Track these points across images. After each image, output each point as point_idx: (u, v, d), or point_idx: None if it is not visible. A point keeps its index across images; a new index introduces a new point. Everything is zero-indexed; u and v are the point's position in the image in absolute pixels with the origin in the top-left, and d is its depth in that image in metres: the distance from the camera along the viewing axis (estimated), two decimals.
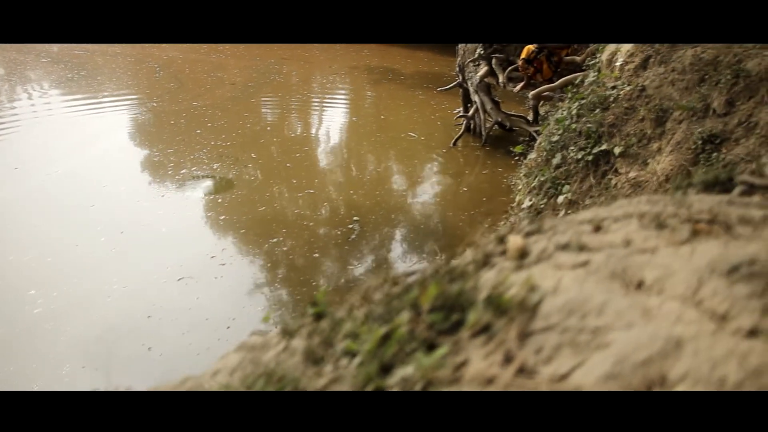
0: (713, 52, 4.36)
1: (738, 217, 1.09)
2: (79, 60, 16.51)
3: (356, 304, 1.08)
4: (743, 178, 1.43)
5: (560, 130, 5.12)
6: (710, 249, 0.89)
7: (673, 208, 1.18)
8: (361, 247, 6.70)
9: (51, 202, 7.61)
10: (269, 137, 10.22)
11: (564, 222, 1.17)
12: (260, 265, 6.33)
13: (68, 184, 8.11)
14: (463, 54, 10.35)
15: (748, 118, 3.88)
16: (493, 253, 1.07)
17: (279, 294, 5.91)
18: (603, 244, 1.00)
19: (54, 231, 6.90)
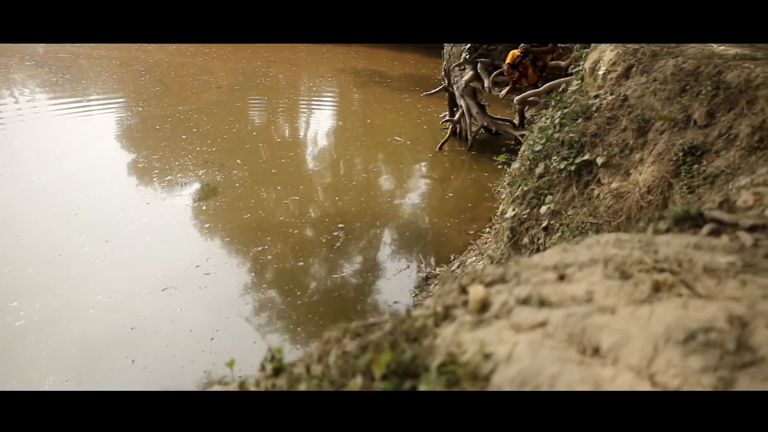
0: (694, 63, 4.37)
1: (703, 266, 1.08)
2: (64, 63, 16.43)
3: (314, 359, 1.07)
4: (712, 215, 1.42)
5: (543, 139, 5.11)
6: (669, 311, 0.88)
7: (639, 253, 1.17)
8: (346, 255, 6.68)
9: (34, 211, 7.54)
10: (255, 142, 10.18)
11: (528, 268, 1.16)
12: (245, 274, 6.30)
13: (52, 192, 8.05)
14: (448, 58, 10.34)
15: (728, 130, 3.88)
16: (454, 305, 1.06)
17: (263, 304, 5.87)
18: (564, 298, 0.99)
19: (37, 240, 6.85)
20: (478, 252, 6.13)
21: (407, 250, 6.88)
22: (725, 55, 4.32)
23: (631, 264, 1.11)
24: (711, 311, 0.86)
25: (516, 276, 1.12)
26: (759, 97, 3.71)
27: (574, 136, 4.83)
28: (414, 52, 18.78)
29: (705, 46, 4.73)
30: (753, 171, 2.46)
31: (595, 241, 1.33)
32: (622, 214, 4.19)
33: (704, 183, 3.77)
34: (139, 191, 8.14)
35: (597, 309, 0.93)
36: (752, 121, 3.67)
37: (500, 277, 1.12)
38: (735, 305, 0.89)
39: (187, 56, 17.72)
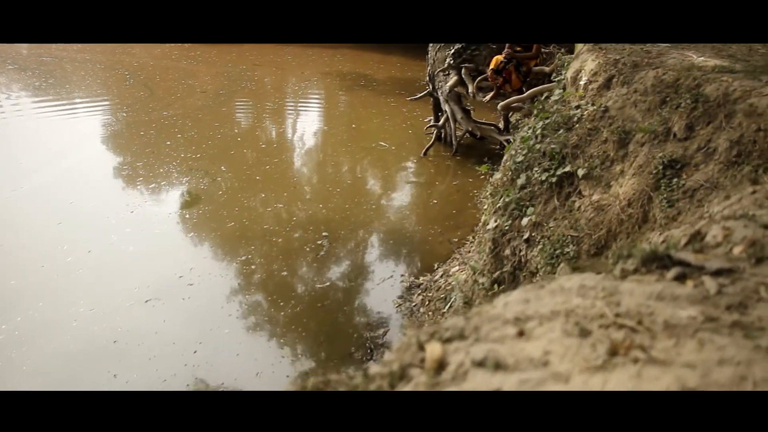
0: (674, 75, 4.38)
1: (664, 321, 1.08)
2: (47, 67, 16.35)
3: None
4: (679, 257, 1.41)
5: (525, 150, 5.11)
6: (622, 381, 0.88)
7: (601, 304, 1.16)
8: (330, 265, 6.66)
9: (17, 220, 7.49)
10: (239, 148, 10.15)
11: (489, 321, 1.15)
12: (228, 284, 6.27)
13: (35, 201, 7.99)
14: (433, 63, 10.35)
15: (707, 144, 3.89)
16: (412, 363, 1.05)
17: (246, 315, 5.85)
18: (521, 359, 0.98)
19: (19, 251, 6.80)
20: (461, 261, 6.13)
21: (391, 258, 6.89)
22: (704, 68, 4.33)
23: (591, 318, 1.10)
24: (664, 382, 0.85)
25: (475, 331, 1.11)
26: (737, 111, 3.71)
27: (556, 147, 4.84)
28: (399, 54, 18.80)
29: (685, 57, 4.75)
30: (728, 195, 2.46)
31: (559, 287, 1.32)
32: (602, 227, 4.19)
33: (684, 197, 3.77)
34: (124, 199, 8.08)
35: (551, 375, 0.92)
36: (730, 135, 3.68)
37: (459, 332, 1.11)
38: (689, 374, 0.88)
39: (172, 59, 17.67)
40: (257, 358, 5.23)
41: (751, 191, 2.18)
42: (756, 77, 3.93)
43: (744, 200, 2.06)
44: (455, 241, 7.09)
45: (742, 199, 2.09)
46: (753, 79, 3.89)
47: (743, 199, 2.08)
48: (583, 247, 4.19)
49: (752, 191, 2.17)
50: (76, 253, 6.72)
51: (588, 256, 4.16)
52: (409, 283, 6.31)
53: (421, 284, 6.25)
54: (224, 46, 19.70)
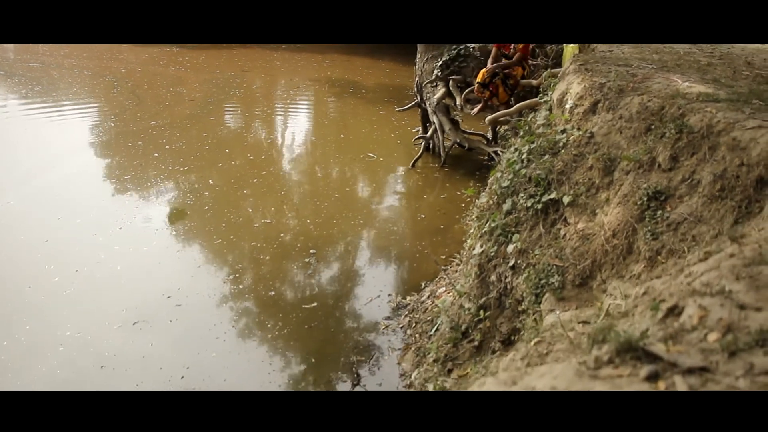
0: (659, 102, 4.40)
1: None
2: (33, 74, 16.31)
3: None
4: (652, 350, 1.43)
5: (510, 174, 5.13)
6: None
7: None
8: (318, 284, 6.66)
9: (2, 237, 7.45)
10: (227, 160, 10.13)
11: None
12: (216, 305, 6.25)
13: (21, 217, 7.92)
14: (420, 74, 10.37)
15: (691, 175, 3.92)
16: None
17: (233, 338, 5.83)
18: None
19: (5, 270, 6.76)
20: (448, 282, 6.14)
21: (379, 277, 6.89)
22: (689, 95, 4.36)
23: None
24: None
25: None
26: (720, 144, 3.74)
27: (541, 173, 4.86)
28: (389, 59, 18.86)
29: (670, 82, 4.78)
30: (708, 252, 2.48)
31: (531, 387, 1.34)
32: (587, 257, 4.21)
33: (668, 230, 3.80)
34: (111, 215, 8.02)
35: None
36: (714, 169, 3.71)
37: None
38: None
39: (160, 65, 17.66)
40: (244, 384, 5.22)
41: (730, 253, 2.20)
42: (739, 108, 3.96)
43: (723, 265, 2.07)
44: (442, 258, 7.11)
45: (721, 263, 2.10)
46: (736, 110, 3.92)
47: (722, 264, 2.09)
48: (568, 277, 4.21)
49: (731, 253, 2.18)
50: (64, 272, 6.69)
51: (573, 287, 4.18)
52: (396, 303, 6.32)
53: (409, 304, 6.27)
54: (213, 52, 19.69)
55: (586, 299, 4.23)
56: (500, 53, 8.99)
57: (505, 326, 4.80)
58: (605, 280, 4.17)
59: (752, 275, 1.88)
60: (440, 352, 5.10)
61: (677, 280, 2.43)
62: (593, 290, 4.23)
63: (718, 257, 2.22)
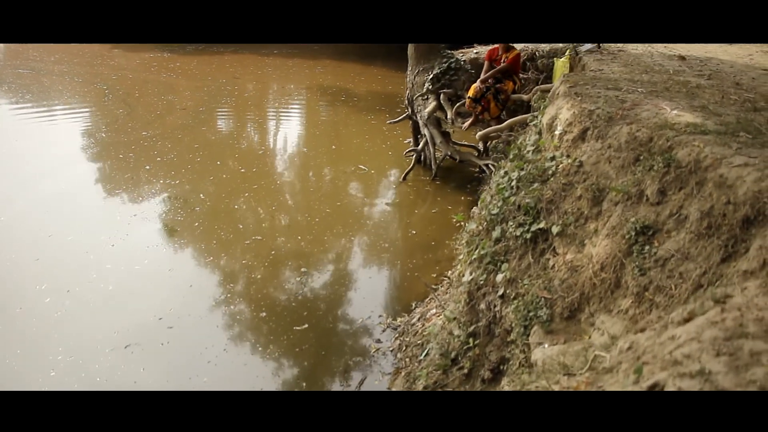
0: (647, 132, 4.43)
1: None
2: (23, 81, 16.30)
3: None
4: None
5: (500, 202, 5.16)
6: None
7: None
8: (309, 304, 6.66)
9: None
10: (218, 173, 10.12)
11: None
12: (207, 328, 6.25)
13: (11, 234, 7.91)
14: (411, 87, 10.39)
15: (679, 210, 3.94)
16: None
17: (224, 362, 5.83)
18: None
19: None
20: (438, 304, 6.17)
21: (369, 297, 6.90)
22: (677, 125, 4.38)
23: None
24: None
25: None
26: (707, 180, 3.77)
27: (530, 201, 4.88)
28: (380, 65, 18.90)
29: (659, 109, 4.81)
30: (692, 312, 2.51)
31: None
32: (575, 290, 4.24)
33: (655, 266, 3.83)
34: (103, 232, 8.01)
35: None
36: (701, 206, 3.73)
37: None
38: None
39: (151, 72, 17.65)
40: None
41: (713, 320, 2.22)
42: (726, 142, 3.98)
43: (705, 335, 2.10)
44: (433, 276, 7.14)
45: (703, 333, 2.13)
46: (723, 145, 3.94)
47: (704, 333, 2.12)
48: (557, 309, 4.23)
49: (713, 320, 2.21)
50: (55, 293, 6.68)
51: (561, 320, 4.21)
52: (386, 325, 6.34)
53: (399, 326, 6.29)
54: (204, 57, 19.68)
55: (574, 332, 4.26)
56: (491, 66, 9.04)
57: (494, 355, 4.83)
58: (593, 314, 4.20)
59: (732, 352, 1.90)
60: (430, 378, 5.13)
61: (660, 339, 2.46)
62: (581, 323, 4.26)
63: (701, 323, 2.25)
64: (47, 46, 21.19)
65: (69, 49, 20.88)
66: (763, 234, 3.29)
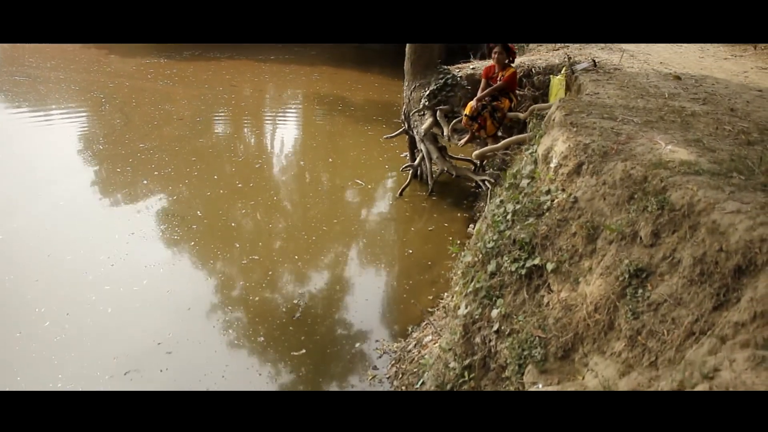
0: (642, 171, 4.47)
1: None
2: (21, 89, 16.32)
3: None
4: None
5: (495, 235, 5.21)
6: None
7: None
8: (306, 328, 6.69)
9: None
10: (215, 188, 10.15)
11: None
12: (205, 353, 6.27)
13: (10, 254, 7.91)
14: (408, 102, 10.43)
15: (672, 253, 3.99)
16: None
17: (222, 389, 5.88)
18: None
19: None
20: (434, 330, 6.22)
21: (366, 320, 6.94)
22: (671, 163, 4.42)
23: None
24: None
25: None
26: (701, 225, 3.82)
27: (525, 237, 4.94)
28: (377, 72, 18.96)
29: (653, 144, 4.85)
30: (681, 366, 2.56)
31: None
32: (569, 330, 4.29)
33: (648, 310, 3.88)
34: (102, 250, 8.03)
35: None
36: (694, 251, 3.78)
37: None
38: None
39: (148, 79, 17.67)
40: None
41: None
42: (720, 185, 4.02)
43: None
44: (429, 299, 7.20)
45: None
46: (716, 188, 3.98)
47: None
48: (551, 349, 4.29)
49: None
50: (54, 315, 6.71)
51: (555, 359, 4.26)
52: (382, 350, 6.39)
53: (395, 352, 6.34)
54: (201, 63, 19.72)
55: (568, 372, 4.31)
56: (488, 84, 9.08)
57: (489, 389, 4.89)
58: (587, 354, 4.25)
59: None
60: None
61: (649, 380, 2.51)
62: (575, 363, 4.32)
63: None
64: (44, 51, 21.20)
65: (65, 55, 20.89)
66: (753, 285, 3.34)
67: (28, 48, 21.73)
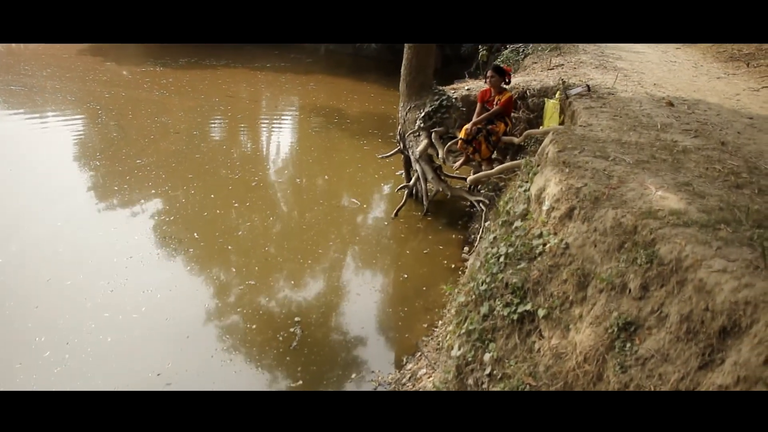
0: (632, 219, 4.56)
1: None
2: (16, 99, 16.32)
3: None
4: None
5: (488, 277, 5.32)
6: None
7: None
8: (302, 358, 6.75)
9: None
10: (212, 208, 10.22)
11: None
12: (203, 384, 6.30)
13: (9, 280, 7.94)
14: (403, 123, 10.52)
15: (660, 308, 4.08)
16: None
17: None
18: None
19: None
20: (428, 363, 6.32)
21: (362, 349, 7.03)
22: (662, 212, 4.51)
23: None
24: None
25: None
26: (688, 281, 3.91)
27: (517, 281, 5.05)
28: (373, 81, 19.07)
29: (644, 188, 4.93)
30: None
31: None
32: (559, 379, 4.40)
33: (636, 364, 3.99)
34: (101, 275, 8.08)
35: None
36: (681, 308, 3.88)
37: None
38: None
39: (144, 89, 17.73)
40: None
41: None
42: (707, 240, 4.10)
43: None
44: (424, 326, 7.30)
45: None
46: (704, 243, 4.06)
47: None
48: None
49: None
50: (54, 345, 6.76)
51: None
52: (377, 383, 6.47)
53: (390, 384, 6.43)
54: (197, 72, 19.81)
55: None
56: (484, 108, 9.18)
57: None
58: None
59: None
60: None
61: None
62: None
63: None
64: (39, 58, 21.26)
65: (61, 62, 20.96)
66: (738, 347, 3.45)
67: (24, 55, 21.79)
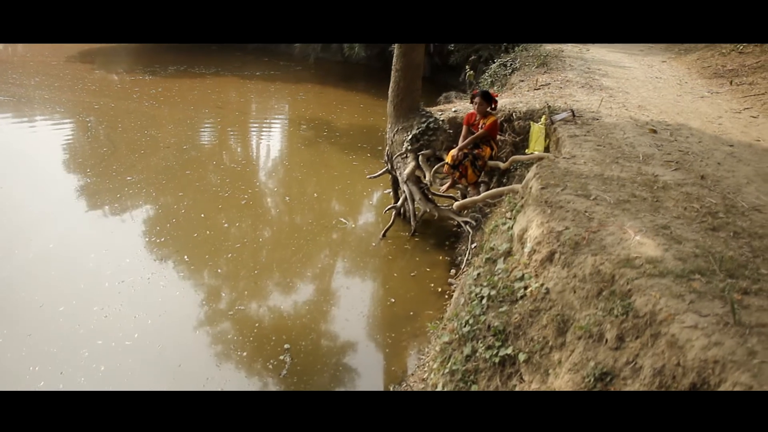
0: (610, 268, 4.72)
1: None
2: (3, 110, 16.28)
3: None
4: None
5: (471, 319, 5.48)
6: None
7: None
8: (292, 386, 6.83)
9: None
10: (203, 229, 10.31)
11: None
12: None
13: (1, 306, 8.01)
14: (391, 144, 10.65)
15: (635, 359, 4.24)
16: None
17: None
18: None
19: None
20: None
21: (349, 378, 7.13)
22: (639, 261, 4.67)
23: None
24: None
25: None
26: (661, 335, 4.07)
27: (499, 325, 5.21)
28: (362, 90, 19.21)
29: (623, 232, 5.09)
30: None
31: None
32: None
33: None
34: (94, 301, 8.15)
35: None
36: (654, 362, 4.04)
37: None
38: None
39: (133, 99, 17.79)
40: None
41: None
42: (680, 293, 4.26)
43: None
44: (411, 353, 7.44)
45: None
46: (678, 296, 4.22)
47: None
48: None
49: None
50: (48, 375, 6.82)
51: None
52: None
53: None
54: (186, 81, 19.91)
55: None
56: (470, 131, 9.33)
57: None
58: None
59: None
60: None
61: None
62: None
63: None
64: (27, 66, 21.30)
65: (49, 70, 21.00)
66: None
67: (11, 62, 21.83)
